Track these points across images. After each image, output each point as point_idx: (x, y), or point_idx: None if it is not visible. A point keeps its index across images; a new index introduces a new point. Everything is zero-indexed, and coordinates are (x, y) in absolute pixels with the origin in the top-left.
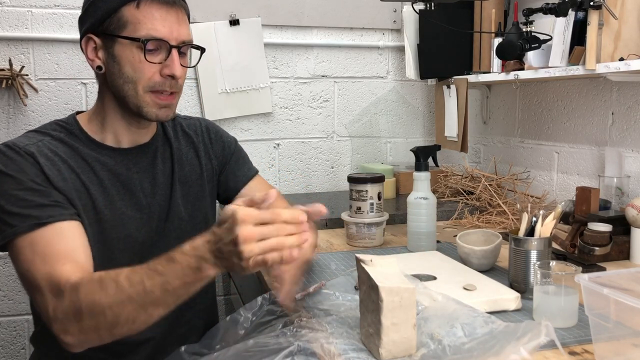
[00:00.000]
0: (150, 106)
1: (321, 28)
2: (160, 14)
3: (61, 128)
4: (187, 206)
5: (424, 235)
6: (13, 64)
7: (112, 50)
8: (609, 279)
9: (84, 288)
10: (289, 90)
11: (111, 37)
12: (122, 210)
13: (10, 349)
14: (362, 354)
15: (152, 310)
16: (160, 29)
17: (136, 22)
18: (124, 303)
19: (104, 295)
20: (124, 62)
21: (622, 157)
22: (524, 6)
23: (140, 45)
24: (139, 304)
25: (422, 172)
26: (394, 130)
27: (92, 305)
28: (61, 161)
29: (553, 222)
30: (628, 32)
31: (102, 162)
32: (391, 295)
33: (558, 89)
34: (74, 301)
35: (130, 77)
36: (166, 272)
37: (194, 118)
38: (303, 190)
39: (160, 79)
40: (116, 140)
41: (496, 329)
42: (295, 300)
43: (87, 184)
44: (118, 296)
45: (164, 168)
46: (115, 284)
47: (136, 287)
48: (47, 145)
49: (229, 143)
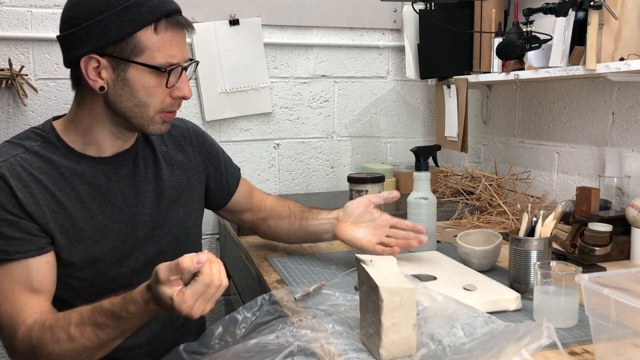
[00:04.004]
0: (157, 124)
1: (321, 28)
2: (175, 38)
3: (37, 136)
4: (178, 210)
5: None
6: (13, 64)
7: (123, 74)
8: (609, 279)
9: (35, 336)
10: (289, 90)
11: (124, 61)
12: (104, 224)
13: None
14: (362, 354)
15: (109, 346)
16: (176, 54)
17: (154, 49)
18: (79, 350)
19: (57, 347)
20: (138, 87)
21: (622, 157)
22: (524, 6)
23: (157, 72)
24: (94, 348)
25: (422, 172)
26: (394, 130)
27: (47, 355)
28: (34, 181)
29: (553, 222)
30: (628, 32)
31: (80, 174)
32: (391, 295)
33: (558, 89)
34: (29, 347)
35: (144, 101)
36: (118, 324)
37: (178, 119)
38: (303, 190)
39: (171, 101)
40: (98, 150)
41: (496, 329)
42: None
43: (64, 203)
44: (71, 345)
45: (147, 174)
46: (66, 335)
47: (90, 338)
48: (20, 162)
49: (212, 146)
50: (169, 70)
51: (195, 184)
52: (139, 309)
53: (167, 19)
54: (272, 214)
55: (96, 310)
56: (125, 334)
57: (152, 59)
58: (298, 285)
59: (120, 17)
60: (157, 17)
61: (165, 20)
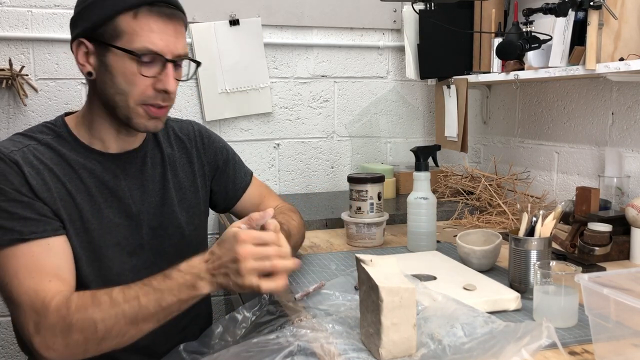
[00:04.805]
0: (141, 117)
1: (321, 28)
2: (158, 26)
3: (49, 130)
4: (182, 212)
5: (424, 235)
6: (13, 64)
7: (104, 59)
8: (609, 279)
9: (74, 302)
10: (289, 90)
11: (104, 45)
12: (110, 218)
13: (10, 349)
14: (362, 354)
15: (142, 325)
16: (157, 42)
17: (132, 33)
18: (117, 317)
19: (97, 310)
20: (117, 73)
21: (622, 157)
22: (524, 6)
23: (134, 58)
24: (132, 318)
25: (422, 172)
26: (394, 130)
27: (84, 320)
28: (46, 169)
29: (553, 222)
30: (628, 32)
31: (89, 168)
32: (391, 295)
33: (558, 89)
34: (63, 316)
35: (123, 89)
36: (162, 288)
37: (186, 121)
38: (303, 190)
39: (152, 93)
40: (103, 146)
41: (496, 329)
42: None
43: (73, 193)
44: (112, 310)
45: (154, 174)
46: (108, 298)
47: (130, 302)
48: (32, 151)
49: (221, 149)
50: (141, 55)
51: (200, 186)
52: (191, 266)
53: (151, 6)
54: None
55: (147, 278)
56: (160, 311)
57: (129, 44)
58: (298, 285)
59: (104, 2)
60: (139, 3)
61: (147, 7)
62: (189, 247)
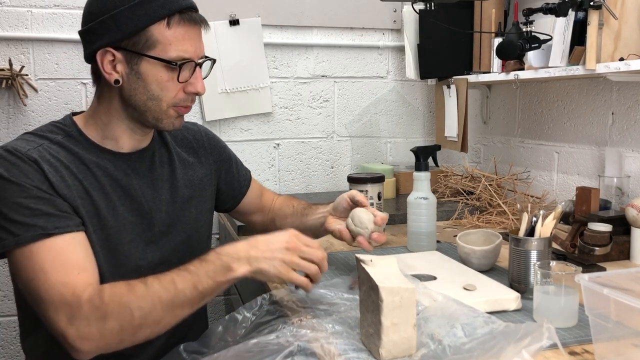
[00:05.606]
0: (171, 118)
1: (321, 28)
2: (188, 33)
3: (59, 130)
4: (191, 209)
5: (424, 235)
6: (13, 64)
7: (137, 67)
8: (609, 279)
9: (107, 292)
10: (289, 90)
11: (137, 54)
12: (124, 216)
13: (10, 349)
14: (362, 354)
15: (179, 310)
16: (188, 49)
17: (166, 42)
18: (154, 303)
19: (133, 297)
20: (151, 81)
21: (622, 157)
22: (524, 6)
23: (169, 66)
24: (168, 304)
25: (422, 172)
26: (394, 130)
27: (120, 307)
28: (63, 167)
29: (553, 222)
30: (628, 32)
31: (101, 167)
32: (391, 295)
33: (558, 89)
34: (97, 306)
35: (156, 95)
36: (198, 271)
37: (191, 123)
38: (303, 190)
39: (184, 96)
40: (116, 145)
41: (496, 329)
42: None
43: (90, 191)
44: (148, 296)
45: (162, 172)
46: (144, 284)
47: (167, 286)
48: (47, 149)
49: (223, 148)
50: (180, 65)
51: (207, 184)
52: (230, 248)
53: (181, 15)
54: (279, 213)
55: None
56: (196, 295)
57: (164, 53)
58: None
59: (134, 12)
60: (170, 12)
61: (178, 15)
62: (199, 243)
